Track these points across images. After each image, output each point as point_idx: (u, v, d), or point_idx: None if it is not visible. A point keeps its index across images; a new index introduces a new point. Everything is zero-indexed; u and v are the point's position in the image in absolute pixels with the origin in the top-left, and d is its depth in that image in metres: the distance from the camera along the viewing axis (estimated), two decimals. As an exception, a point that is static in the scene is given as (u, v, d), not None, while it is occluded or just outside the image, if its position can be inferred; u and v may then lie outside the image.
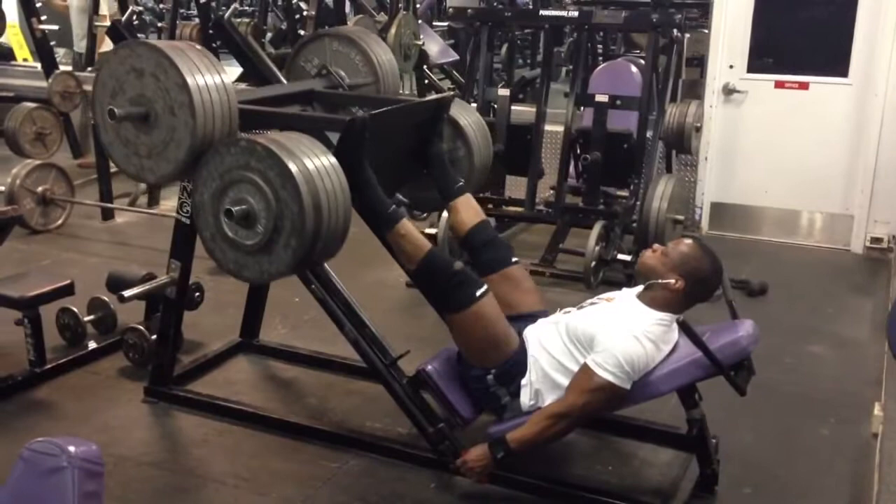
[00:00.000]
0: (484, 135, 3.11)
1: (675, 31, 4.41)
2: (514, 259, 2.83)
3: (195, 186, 2.45)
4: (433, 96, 3.24)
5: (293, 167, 2.28)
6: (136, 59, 2.40)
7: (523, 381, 2.55)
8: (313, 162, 2.34)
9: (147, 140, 2.45)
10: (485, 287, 2.54)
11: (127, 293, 3.00)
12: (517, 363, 2.56)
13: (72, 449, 1.29)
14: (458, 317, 2.55)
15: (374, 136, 2.57)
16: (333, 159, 2.41)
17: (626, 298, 2.59)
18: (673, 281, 2.48)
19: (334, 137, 2.62)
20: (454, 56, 7.55)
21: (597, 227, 4.15)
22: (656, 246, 2.62)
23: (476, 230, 2.84)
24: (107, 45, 6.90)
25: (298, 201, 2.28)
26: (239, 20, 6.91)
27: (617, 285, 3.92)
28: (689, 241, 2.60)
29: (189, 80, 2.35)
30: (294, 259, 2.37)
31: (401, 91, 3.35)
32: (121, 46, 2.47)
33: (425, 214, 4.54)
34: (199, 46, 2.54)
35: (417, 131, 2.90)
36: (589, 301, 2.68)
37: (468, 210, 2.87)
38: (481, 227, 2.86)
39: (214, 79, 2.41)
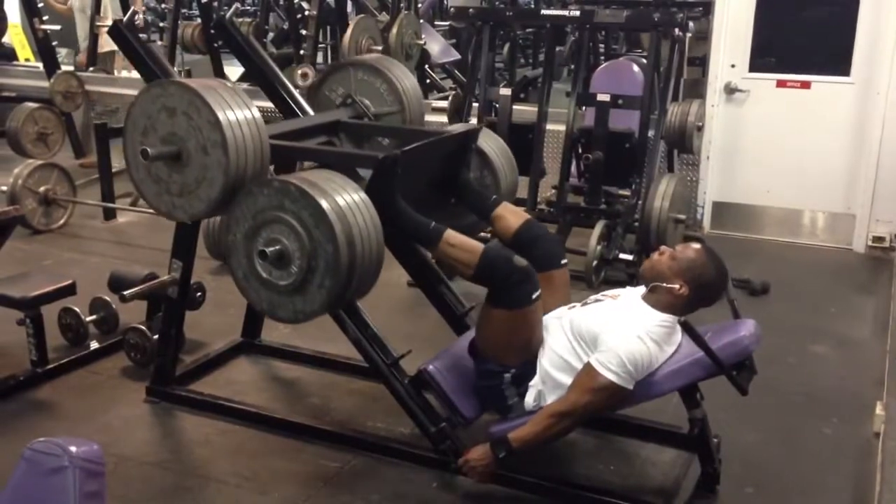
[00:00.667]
0: (509, 161, 3.10)
1: (676, 30, 4.40)
2: (563, 261, 2.78)
3: (228, 226, 2.44)
4: (460, 127, 3.24)
5: (326, 206, 2.28)
6: (167, 98, 2.40)
7: (531, 383, 2.55)
8: (345, 199, 2.34)
9: (179, 179, 2.45)
10: (540, 290, 2.48)
11: (128, 293, 3.00)
12: (533, 366, 2.55)
13: (73, 449, 1.29)
14: (507, 314, 2.49)
15: (404, 170, 2.57)
16: (364, 195, 2.40)
17: (631, 298, 2.58)
18: (677, 286, 2.47)
19: (363, 171, 2.63)
20: (456, 55, 7.55)
21: (599, 227, 4.15)
22: (663, 248, 2.61)
23: (524, 228, 2.78)
24: (109, 44, 6.93)
25: (333, 240, 2.27)
26: (241, 20, 6.90)
27: (618, 284, 3.92)
28: (696, 246, 2.59)
29: (221, 116, 2.34)
30: (328, 298, 2.36)
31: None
32: (152, 85, 2.48)
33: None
34: (229, 84, 2.54)
35: (446, 162, 2.89)
36: (593, 297, 2.67)
37: (511, 214, 2.82)
38: (529, 224, 2.80)
39: (245, 115, 2.40)
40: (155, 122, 2.43)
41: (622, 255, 4.25)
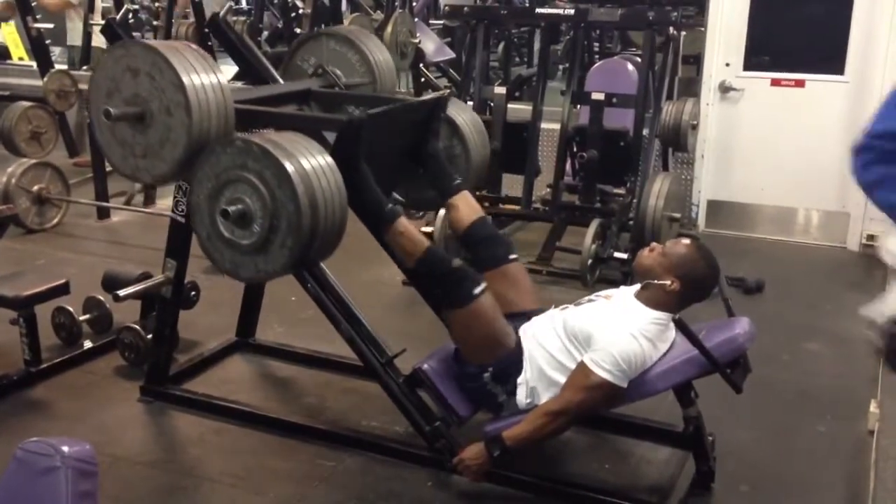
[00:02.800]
0: (480, 133, 3.11)
1: (671, 28, 4.40)
2: (512, 256, 2.83)
3: (191, 186, 2.44)
4: (430, 95, 3.23)
5: (290, 167, 2.28)
6: (131, 59, 2.39)
7: (519, 380, 2.55)
8: (310, 161, 2.34)
9: (143, 140, 2.44)
10: (484, 285, 2.53)
11: (122, 292, 2.99)
12: (514, 361, 2.56)
13: (65, 449, 1.28)
14: (457, 314, 2.55)
15: (370, 135, 2.57)
16: (330, 159, 2.40)
17: (624, 297, 2.58)
18: (669, 282, 2.47)
19: (331, 136, 2.62)
20: (450, 54, 7.55)
21: (593, 225, 4.15)
22: (654, 245, 2.62)
23: (475, 227, 2.83)
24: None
25: (295, 201, 2.27)
26: (235, 19, 6.89)
27: (613, 283, 3.93)
28: (686, 241, 2.60)
29: (185, 79, 2.34)
30: (290, 258, 2.36)
31: (397, 89, 3.34)
32: (116, 46, 2.47)
33: (421, 214, 4.54)
34: (194, 46, 2.53)
35: (414, 130, 2.90)
36: (587, 298, 2.67)
37: (467, 207, 2.86)
38: (480, 223, 2.85)
39: (210, 78, 2.40)
40: (119, 84, 2.42)
41: (617, 254, 4.24)
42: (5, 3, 6.61)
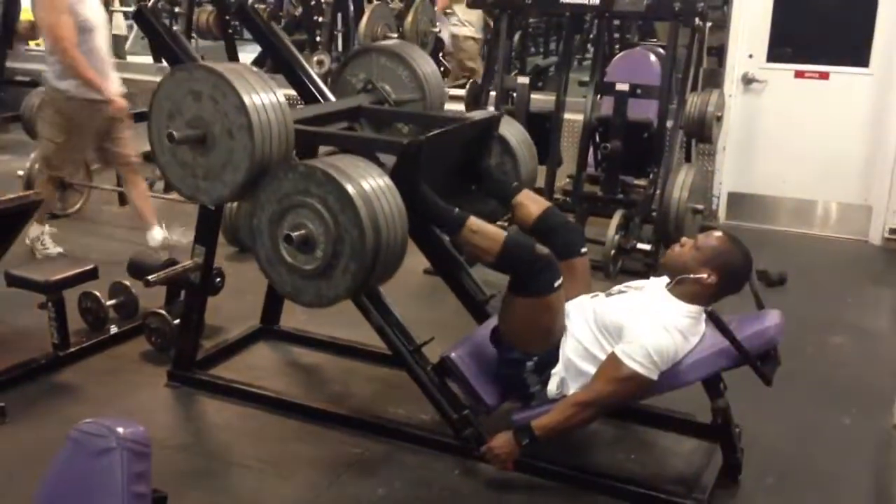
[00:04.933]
0: (529, 148, 3.10)
1: (696, 19, 4.37)
2: (583, 249, 2.79)
3: (252, 210, 2.43)
4: (483, 114, 3.23)
5: (352, 190, 2.27)
6: (194, 83, 2.39)
7: (553, 371, 2.55)
8: (370, 184, 2.33)
9: (204, 162, 2.44)
10: (561, 278, 2.48)
11: (152, 278, 3.01)
12: (555, 354, 2.55)
13: (120, 430, 1.30)
14: (529, 301, 2.49)
15: (427, 156, 2.57)
16: (389, 180, 2.39)
17: (656, 289, 2.58)
18: (706, 275, 2.47)
19: (384, 156, 2.63)
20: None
21: (617, 216, 4.14)
22: (684, 240, 2.60)
23: (544, 216, 2.79)
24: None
25: (358, 225, 2.27)
26: (259, 6, 6.89)
27: (636, 274, 3.93)
28: (718, 233, 2.59)
29: (247, 100, 2.33)
30: (353, 283, 2.36)
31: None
32: (178, 69, 2.46)
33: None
34: (255, 69, 2.53)
35: (467, 148, 2.89)
36: (617, 288, 2.67)
37: (531, 201, 2.82)
38: (549, 212, 2.81)
39: (271, 99, 2.39)
40: (181, 106, 2.43)
41: (640, 245, 4.24)
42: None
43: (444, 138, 2.75)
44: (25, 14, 8.61)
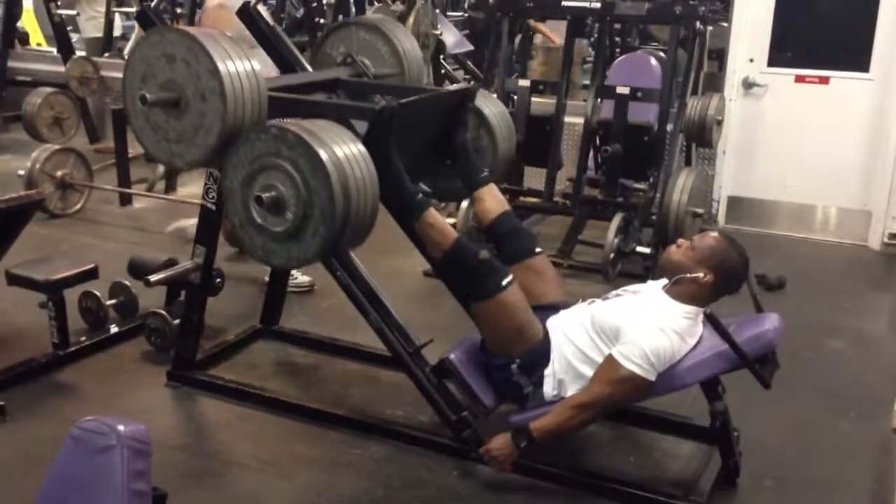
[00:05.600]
0: (507, 124, 3.12)
1: (697, 23, 4.39)
2: (537, 250, 2.84)
3: (224, 173, 2.45)
4: (459, 86, 3.24)
5: (324, 155, 2.29)
6: (167, 45, 2.40)
7: (546, 371, 2.56)
8: (343, 150, 2.34)
9: (177, 125, 2.45)
10: (510, 276, 2.55)
11: (153, 278, 3.02)
12: (541, 353, 2.57)
13: (121, 428, 1.30)
14: (484, 305, 2.56)
15: (401, 125, 2.58)
16: (362, 147, 2.41)
17: (653, 291, 2.59)
18: (702, 275, 2.48)
19: (358, 125, 2.63)
20: (469, 46, 7.53)
21: (616, 219, 4.15)
22: (681, 241, 2.62)
23: (501, 220, 2.85)
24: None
25: (328, 189, 2.28)
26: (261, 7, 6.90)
27: (635, 277, 3.94)
28: (714, 233, 2.60)
29: (220, 66, 2.34)
30: (322, 246, 2.37)
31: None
32: (152, 32, 2.48)
33: (444, 204, 4.54)
34: (229, 33, 2.54)
35: (442, 121, 2.90)
36: (614, 292, 2.68)
37: (493, 199, 2.87)
38: (506, 216, 2.86)
39: (245, 65, 2.40)
40: (154, 69, 2.43)
41: (639, 249, 4.25)
42: None
43: (417, 107, 2.76)
44: (28, 15, 8.67)
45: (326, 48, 3.21)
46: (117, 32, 7.43)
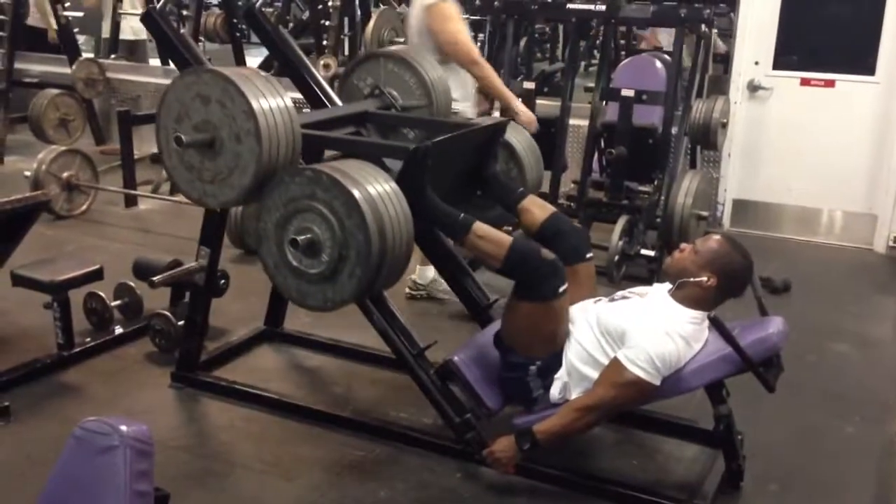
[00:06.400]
0: (535, 155, 3.12)
1: (702, 26, 4.38)
2: (589, 254, 2.79)
3: (259, 215, 2.44)
4: (490, 120, 3.25)
5: (358, 195, 2.28)
6: (202, 86, 2.39)
7: (556, 375, 2.55)
8: (377, 189, 2.34)
9: (212, 166, 2.45)
10: (566, 284, 2.49)
11: (157, 279, 3.03)
12: (558, 358, 2.56)
13: (124, 428, 1.30)
14: (534, 306, 2.50)
15: (433, 161, 2.58)
16: (395, 186, 2.40)
17: (659, 295, 2.58)
18: (705, 279, 2.47)
19: (391, 161, 2.64)
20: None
21: (621, 222, 4.15)
22: (684, 245, 2.61)
23: (551, 220, 2.79)
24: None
25: (364, 230, 2.27)
26: (266, 10, 6.92)
27: (640, 280, 3.94)
28: (717, 237, 2.59)
29: (255, 105, 2.34)
30: (358, 287, 2.36)
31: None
32: (187, 73, 2.47)
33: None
34: (262, 73, 2.53)
35: (473, 154, 2.90)
36: (620, 293, 2.67)
37: (536, 207, 2.83)
38: (554, 217, 2.81)
39: (278, 103, 2.40)
40: (189, 110, 2.44)
41: (644, 251, 4.24)
42: None
43: (450, 143, 2.76)
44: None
45: (353, 80, 3.22)
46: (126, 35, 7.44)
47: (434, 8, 3.62)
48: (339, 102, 3.23)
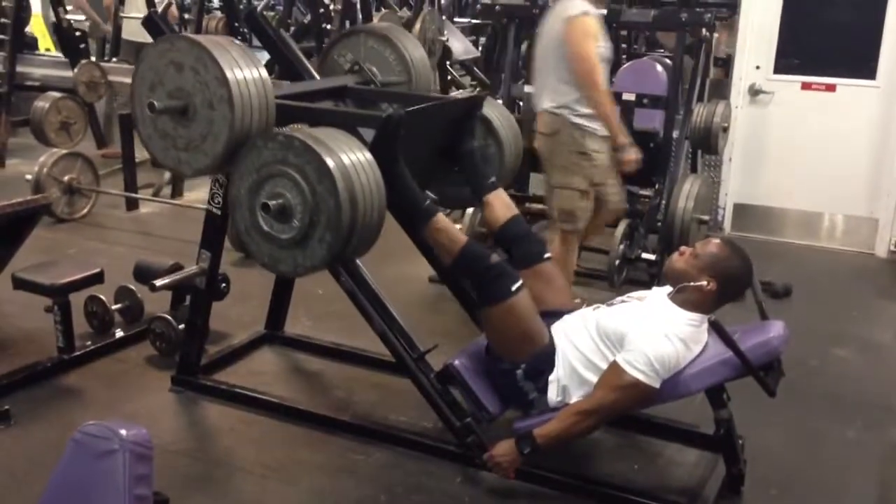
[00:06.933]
0: (514, 131, 3.12)
1: (703, 30, 4.38)
2: (546, 255, 2.84)
3: (231, 180, 2.46)
4: (466, 94, 3.25)
5: (331, 162, 2.29)
6: (175, 53, 2.41)
7: (551, 377, 2.55)
8: (350, 157, 2.35)
9: (185, 133, 2.46)
10: (520, 282, 2.54)
11: (158, 283, 3.02)
12: (546, 359, 2.56)
13: (123, 432, 1.30)
14: (493, 310, 2.55)
15: (408, 132, 2.58)
16: (369, 155, 2.42)
17: (658, 298, 2.58)
18: (705, 283, 2.47)
19: (366, 133, 2.64)
20: (475, 52, 7.55)
21: (621, 226, 4.14)
22: (683, 248, 2.61)
23: (509, 225, 2.85)
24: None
25: (335, 196, 2.29)
26: (268, 13, 6.95)
27: (641, 284, 3.93)
28: (717, 240, 2.60)
29: (228, 74, 2.36)
30: (329, 253, 2.38)
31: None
32: (161, 40, 2.49)
33: (449, 211, 4.54)
34: (237, 42, 2.55)
35: (450, 129, 2.91)
36: (619, 299, 2.68)
37: (501, 205, 2.88)
38: (514, 221, 2.87)
39: (253, 73, 2.42)
40: (162, 77, 2.45)
41: (644, 255, 4.24)
42: None
43: (425, 115, 2.77)
44: (37, 20, 8.71)
45: (334, 55, 3.22)
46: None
47: (576, 20, 3.46)
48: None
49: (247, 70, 2.40)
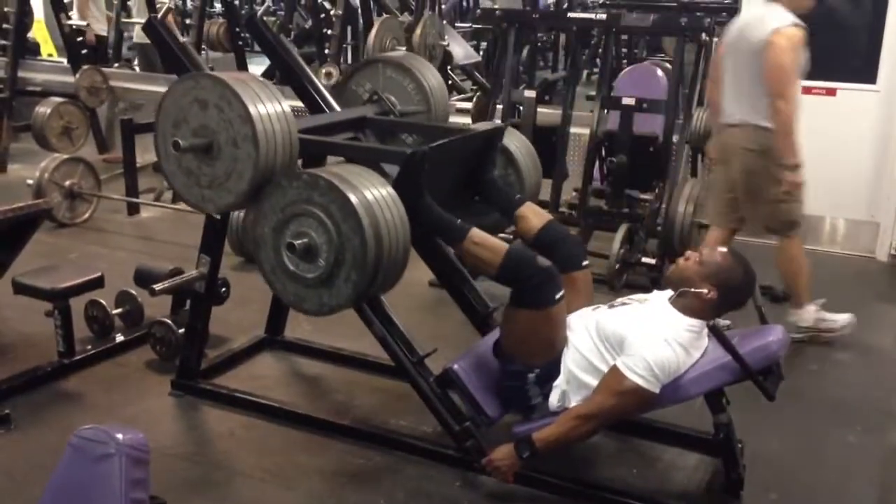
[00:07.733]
0: (533, 160, 3.13)
1: (703, 35, 4.39)
2: (585, 262, 2.79)
3: (256, 219, 2.46)
4: (488, 125, 3.26)
5: (355, 200, 2.29)
6: (200, 91, 2.41)
7: (555, 383, 2.55)
8: (373, 194, 2.35)
9: (209, 171, 2.46)
10: (563, 291, 2.50)
11: (158, 287, 3.03)
12: (557, 367, 2.56)
13: (119, 436, 1.31)
14: (530, 314, 2.50)
15: (430, 166, 2.59)
16: (392, 191, 2.41)
17: (659, 302, 2.58)
18: (706, 291, 2.47)
19: (388, 166, 2.65)
20: (476, 57, 7.57)
21: (622, 230, 4.15)
22: (689, 253, 2.61)
23: (547, 229, 2.80)
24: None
25: (360, 235, 2.29)
26: (265, 19, 6.95)
27: (640, 288, 3.93)
28: (723, 249, 2.59)
29: (252, 111, 2.36)
30: (354, 292, 2.37)
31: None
32: (185, 78, 2.49)
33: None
34: (260, 77, 2.55)
35: (471, 159, 2.91)
36: (620, 300, 2.68)
37: (533, 214, 2.84)
38: (551, 225, 2.83)
39: (276, 108, 2.42)
40: (187, 115, 2.45)
41: (644, 259, 4.24)
42: None
43: (447, 149, 2.77)
44: (39, 26, 8.74)
45: (352, 85, 3.23)
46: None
47: (786, 31, 3.48)
48: (337, 108, 3.24)
49: (269, 105, 2.40)
